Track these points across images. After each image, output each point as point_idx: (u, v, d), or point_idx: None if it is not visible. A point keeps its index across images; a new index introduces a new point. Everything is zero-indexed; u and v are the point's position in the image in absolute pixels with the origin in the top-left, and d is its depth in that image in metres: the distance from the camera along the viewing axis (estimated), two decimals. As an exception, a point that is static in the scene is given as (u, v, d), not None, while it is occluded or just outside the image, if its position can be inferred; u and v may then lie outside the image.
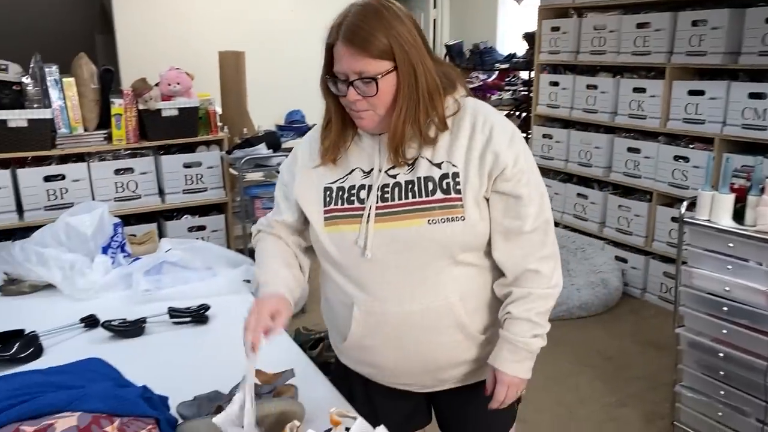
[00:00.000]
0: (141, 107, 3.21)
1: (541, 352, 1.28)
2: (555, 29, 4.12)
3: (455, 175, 1.19)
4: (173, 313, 1.77)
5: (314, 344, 2.87)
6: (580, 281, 3.58)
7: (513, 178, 1.19)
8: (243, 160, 3.30)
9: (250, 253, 3.62)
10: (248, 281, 2.08)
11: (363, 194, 1.22)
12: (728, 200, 2.14)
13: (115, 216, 2.46)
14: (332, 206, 1.24)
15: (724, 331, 2.17)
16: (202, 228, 3.46)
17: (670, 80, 3.43)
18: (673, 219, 3.26)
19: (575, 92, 3.99)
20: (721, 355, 2.19)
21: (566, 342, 3.16)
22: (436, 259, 1.19)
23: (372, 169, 1.23)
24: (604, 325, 3.39)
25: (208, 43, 4.35)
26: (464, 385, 1.35)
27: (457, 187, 1.18)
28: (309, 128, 4.98)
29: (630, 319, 3.48)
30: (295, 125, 4.98)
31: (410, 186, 1.20)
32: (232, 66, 3.86)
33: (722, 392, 2.22)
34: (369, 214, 1.20)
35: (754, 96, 3.03)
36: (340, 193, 1.24)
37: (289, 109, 5.07)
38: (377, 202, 1.20)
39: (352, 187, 1.23)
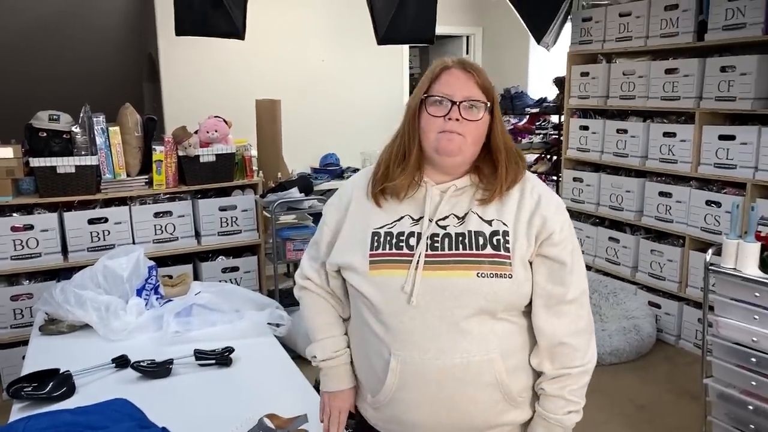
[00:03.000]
0: (181, 153, 3.37)
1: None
2: (584, 74, 4.17)
3: (505, 233, 1.21)
4: (199, 355, 1.84)
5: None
6: (611, 327, 3.52)
7: (560, 244, 1.22)
8: (276, 204, 3.41)
9: (280, 294, 3.72)
10: (274, 324, 2.14)
11: (412, 241, 1.22)
12: (754, 249, 2.12)
13: (153, 257, 2.59)
14: (380, 251, 1.23)
15: (753, 383, 2.12)
16: (235, 269, 3.56)
17: (700, 125, 3.41)
18: (706, 265, 3.21)
19: (605, 136, 4.00)
20: (751, 408, 2.13)
21: (597, 389, 3.06)
22: (478, 312, 1.19)
23: (421, 218, 1.24)
24: (636, 373, 3.32)
25: (246, 92, 4.55)
26: None
27: (507, 245, 1.20)
28: (343, 170, 5.16)
29: (664, 367, 3.40)
30: (330, 168, 5.11)
31: (461, 238, 1.21)
32: (268, 113, 4.02)
33: (753, 447, 2.16)
34: (418, 260, 1.20)
35: (785, 141, 3.00)
36: (389, 238, 1.24)
37: (323, 152, 5.22)
38: (427, 250, 1.21)
39: (401, 234, 1.24)
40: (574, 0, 4.33)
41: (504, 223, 1.22)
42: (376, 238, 1.25)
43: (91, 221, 3.20)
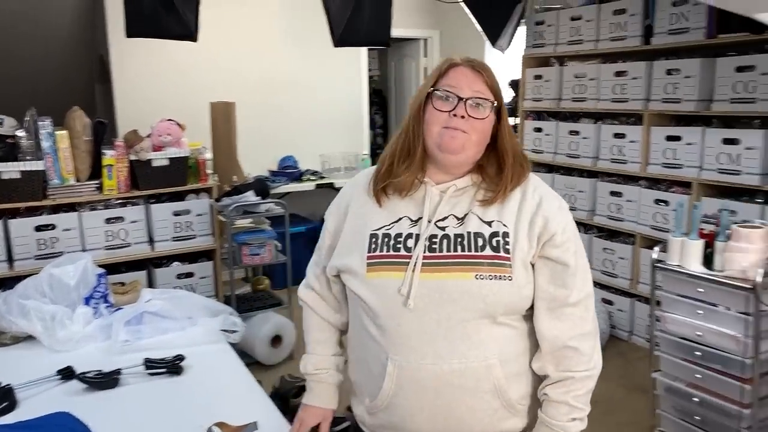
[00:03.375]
0: (132, 158, 3.29)
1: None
2: (538, 77, 4.24)
3: (505, 234, 1.19)
4: (148, 363, 1.80)
5: (298, 392, 2.89)
6: (566, 324, 3.59)
7: (562, 245, 1.20)
8: (231, 208, 3.36)
9: (237, 300, 3.66)
10: (227, 331, 2.11)
11: (410, 243, 1.21)
12: (697, 246, 2.19)
13: (105, 264, 2.52)
14: (378, 252, 1.22)
15: (698, 376, 2.19)
16: (190, 275, 3.50)
17: (648, 126, 3.52)
18: (656, 262, 3.30)
19: (558, 138, 4.08)
20: (696, 399, 2.20)
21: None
22: (477, 316, 1.17)
23: (420, 219, 1.23)
24: (591, 369, 3.39)
25: (201, 94, 4.48)
26: None
27: (507, 246, 1.18)
28: (302, 173, 5.12)
29: (617, 362, 3.48)
30: (288, 170, 5.07)
31: (459, 239, 1.19)
32: (222, 115, 3.97)
33: (699, 438, 2.23)
34: (416, 262, 1.18)
35: (727, 141, 3.11)
36: (386, 239, 1.23)
37: (281, 155, 5.18)
38: (425, 252, 1.19)
39: (399, 235, 1.22)
40: (528, 4, 4.41)
41: (504, 224, 1.20)
42: (374, 239, 1.24)
43: (38, 228, 3.10)
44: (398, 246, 1.21)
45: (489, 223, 1.20)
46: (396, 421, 1.23)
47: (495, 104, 1.22)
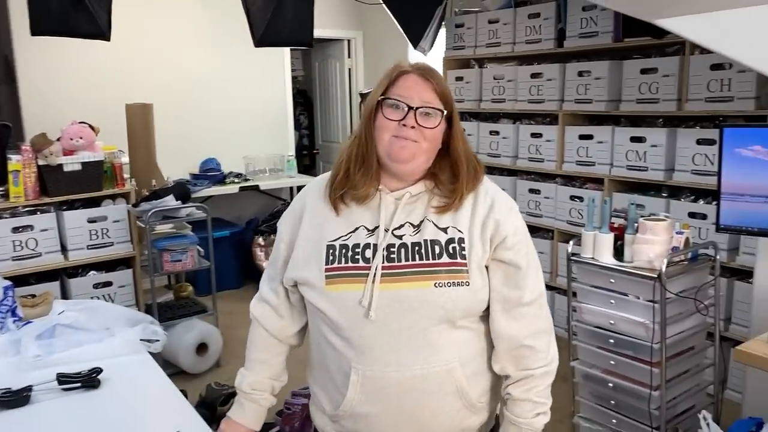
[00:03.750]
0: (41, 162, 3.13)
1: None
2: (459, 79, 4.35)
3: (461, 240, 1.20)
4: (62, 378, 1.71)
5: (225, 400, 2.83)
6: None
7: (513, 248, 1.21)
8: (150, 213, 3.25)
9: (159, 308, 3.54)
10: (147, 341, 2.04)
11: (368, 253, 1.20)
12: (608, 239, 2.31)
13: (13, 276, 2.38)
14: (336, 264, 1.21)
15: (612, 362, 2.31)
16: (108, 284, 3.36)
17: (563, 126, 3.67)
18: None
19: (480, 138, 4.19)
20: (611, 385, 2.32)
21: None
22: (437, 322, 1.18)
23: (376, 227, 1.22)
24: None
25: (115, 96, 4.29)
26: None
27: (463, 252, 1.19)
28: (225, 176, 5.01)
29: (539, 354, 3.61)
30: (210, 173, 4.95)
31: (417, 248, 1.19)
32: (139, 118, 3.82)
33: (614, 420, 2.35)
34: (375, 274, 1.18)
35: (635, 140, 3.30)
36: (344, 251, 1.21)
37: (203, 157, 5.04)
38: (383, 262, 1.19)
39: (357, 246, 1.21)
40: (448, 6, 4.51)
41: (459, 230, 1.21)
42: (331, 251, 1.22)
43: (-64, 240, 2.89)
44: (356, 257, 1.20)
45: (444, 230, 1.21)
46: (360, 428, 1.23)
47: (445, 112, 1.22)
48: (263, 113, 5.41)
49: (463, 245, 1.20)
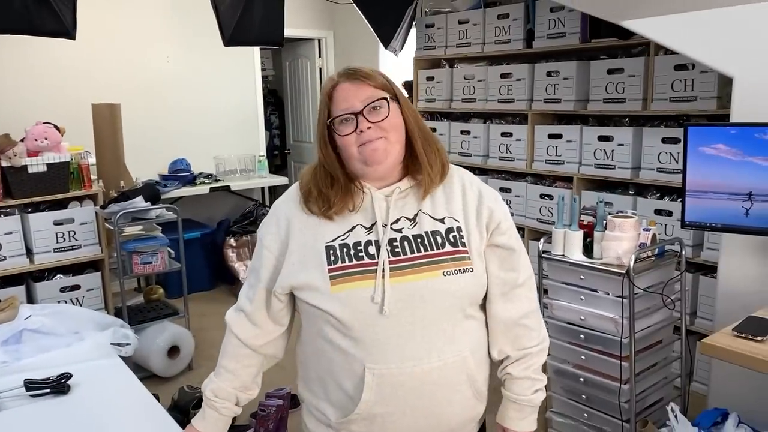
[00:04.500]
0: (4, 164, 3.05)
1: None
2: (430, 78, 4.37)
3: (459, 228, 1.24)
4: (30, 385, 1.68)
5: (198, 403, 2.80)
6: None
7: (507, 232, 1.27)
8: (119, 215, 3.19)
9: (129, 311, 3.48)
10: (118, 344, 2.01)
11: (371, 249, 1.20)
12: (578, 236, 2.35)
13: (-26, 281, 2.32)
14: (339, 264, 1.19)
15: (583, 357, 2.35)
16: (76, 287, 3.29)
17: (533, 125, 3.72)
18: (543, 253, 3.51)
19: (451, 137, 4.22)
20: (582, 380, 2.37)
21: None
22: (449, 313, 1.21)
23: (373, 224, 1.22)
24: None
25: (81, 96, 4.21)
26: None
27: (462, 240, 1.23)
28: (195, 176, 4.95)
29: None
30: (180, 174, 4.88)
31: (419, 240, 1.21)
32: (106, 118, 3.75)
33: (585, 414, 2.39)
34: (384, 268, 1.18)
35: (602, 138, 3.36)
36: (345, 249, 1.20)
37: (172, 158, 4.97)
38: (389, 256, 1.19)
39: (358, 243, 1.21)
40: (418, 6, 4.53)
41: (455, 219, 1.25)
42: (331, 251, 1.20)
43: None
44: (360, 254, 1.20)
45: (441, 220, 1.24)
46: (374, 429, 1.22)
47: (389, 96, 1.23)
48: (234, 113, 5.36)
49: (461, 233, 1.24)
